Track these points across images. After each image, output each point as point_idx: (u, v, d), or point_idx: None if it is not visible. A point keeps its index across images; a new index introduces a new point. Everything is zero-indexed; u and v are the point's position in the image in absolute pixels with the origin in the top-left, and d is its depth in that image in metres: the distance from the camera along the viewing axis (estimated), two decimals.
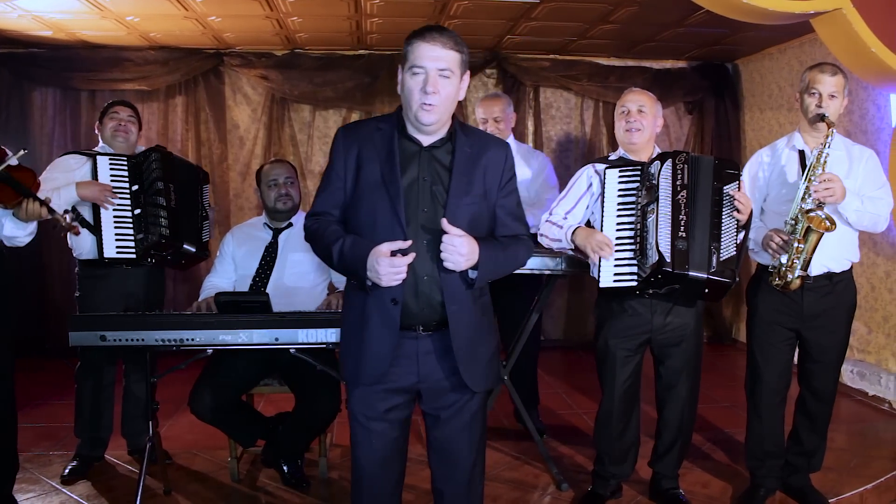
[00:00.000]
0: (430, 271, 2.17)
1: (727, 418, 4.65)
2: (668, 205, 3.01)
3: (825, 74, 3.13)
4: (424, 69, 2.13)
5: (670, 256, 2.95)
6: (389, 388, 2.25)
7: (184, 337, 3.02)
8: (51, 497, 3.52)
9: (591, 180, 3.28)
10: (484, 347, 2.30)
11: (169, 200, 3.66)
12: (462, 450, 2.33)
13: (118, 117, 3.78)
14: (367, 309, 2.21)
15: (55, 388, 5.25)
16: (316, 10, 5.27)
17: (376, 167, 2.20)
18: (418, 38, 2.16)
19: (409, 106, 2.18)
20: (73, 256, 3.82)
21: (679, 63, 6.88)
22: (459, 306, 2.20)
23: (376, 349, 2.21)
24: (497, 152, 2.31)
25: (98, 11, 5.11)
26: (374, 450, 2.29)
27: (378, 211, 2.18)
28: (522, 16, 5.41)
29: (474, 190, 2.23)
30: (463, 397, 2.29)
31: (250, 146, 6.57)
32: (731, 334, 7.02)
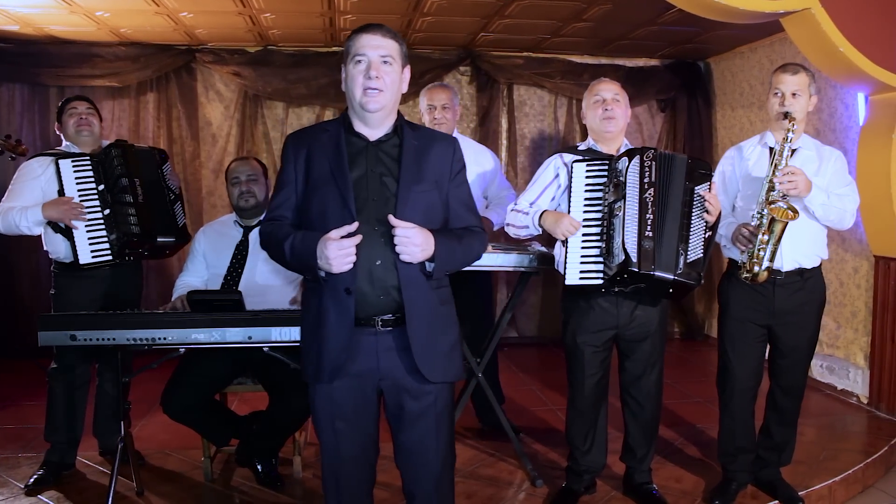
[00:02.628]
0: (384, 257, 2.18)
1: (700, 414, 4.70)
2: (636, 203, 3.01)
3: (787, 74, 3.18)
4: (366, 56, 2.19)
5: (636, 256, 2.96)
6: (352, 386, 2.25)
7: (156, 336, 2.99)
8: (19, 500, 3.47)
9: (558, 171, 3.28)
10: (444, 337, 2.29)
11: (136, 196, 3.62)
12: (429, 451, 2.32)
13: (77, 112, 3.69)
14: (324, 305, 2.22)
15: (23, 390, 5.17)
16: (289, 7, 5.24)
17: (325, 164, 2.24)
18: (359, 31, 2.24)
19: (354, 96, 2.22)
20: (46, 255, 3.75)
21: (652, 61, 6.93)
22: (416, 292, 2.20)
23: (334, 342, 2.21)
24: (444, 144, 2.36)
25: (67, 6, 5.04)
26: (341, 448, 2.29)
27: (328, 204, 2.21)
28: (496, 13, 5.42)
29: (425, 178, 2.26)
30: (427, 397, 2.28)
31: (223, 143, 6.52)
32: (703, 330, 7.09)
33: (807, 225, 3.15)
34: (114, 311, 3.22)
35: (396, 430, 2.35)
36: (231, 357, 3.42)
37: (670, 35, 6.00)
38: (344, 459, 2.30)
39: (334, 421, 2.28)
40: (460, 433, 4.24)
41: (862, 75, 4.00)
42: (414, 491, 2.37)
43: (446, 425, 2.34)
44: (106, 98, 6.19)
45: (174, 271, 3.82)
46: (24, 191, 3.54)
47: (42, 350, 3.24)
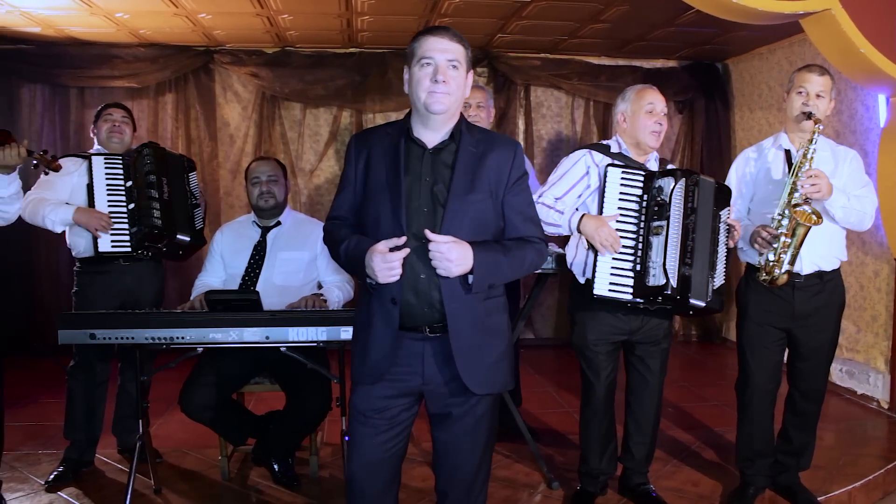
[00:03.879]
0: (427, 270, 2.15)
1: (717, 417, 4.67)
2: (679, 227, 3.00)
3: (813, 74, 3.16)
4: (433, 59, 2.17)
5: (676, 282, 2.96)
6: (393, 389, 2.24)
7: (174, 335, 3.00)
8: (39, 496, 3.50)
9: (589, 169, 3.21)
10: (490, 349, 2.25)
11: (161, 193, 3.69)
12: (465, 453, 2.30)
13: (112, 119, 3.81)
14: (372, 309, 2.23)
15: (43, 387, 5.22)
16: (307, 8, 5.26)
17: (382, 170, 2.23)
18: (426, 33, 2.21)
19: (418, 97, 2.19)
20: (66, 255, 3.80)
21: (669, 62, 6.90)
22: (460, 305, 2.17)
23: (378, 349, 2.21)
24: (505, 150, 2.29)
25: (87, 8, 5.08)
26: (371, 449, 2.28)
27: (381, 212, 2.19)
28: (513, 14, 5.42)
29: (479, 188, 2.21)
30: (468, 401, 2.26)
31: (240, 144, 6.55)
32: (720, 333, 7.05)
33: (826, 227, 3.12)
34: (134, 310, 3.25)
35: (436, 428, 2.34)
36: (248, 357, 3.44)
37: (688, 36, 5.97)
38: (372, 459, 2.28)
39: (364, 420, 2.26)
40: None
41: (883, 77, 3.96)
42: (446, 491, 2.36)
43: (485, 429, 2.32)
44: (125, 99, 6.23)
45: (193, 271, 3.85)
46: (55, 184, 3.62)
47: (61, 348, 3.27)
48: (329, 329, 2.97)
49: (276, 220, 3.70)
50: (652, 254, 3.01)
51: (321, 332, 3.00)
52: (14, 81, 6.26)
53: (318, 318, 3.02)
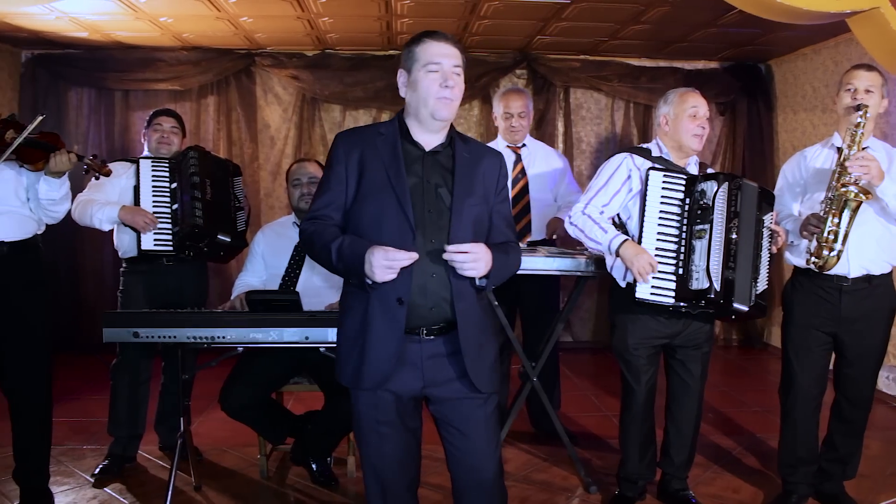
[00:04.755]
0: (438, 270, 2.17)
1: (758, 423, 4.59)
2: (722, 231, 2.98)
3: (860, 70, 3.12)
4: (441, 65, 2.19)
5: (720, 286, 2.94)
6: (397, 393, 2.23)
7: (215, 334, 3.04)
8: (84, 490, 3.57)
9: (630, 173, 3.18)
10: (488, 347, 2.30)
11: (204, 193, 3.75)
12: (479, 454, 2.28)
13: (161, 129, 3.91)
14: (371, 312, 2.18)
15: (88, 384, 5.33)
16: (347, 11, 5.30)
17: (381, 170, 2.20)
18: (428, 38, 2.22)
19: (424, 103, 2.20)
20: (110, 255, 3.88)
21: (711, 64, 6.82)
22: (467, 304, 2.20)
23: (379, 352, 2.18)
24: (492, 160, 2.36)
25: (132, 13, 5.18)
26: (384, 452, 2.28)
27: (385, 213, 2.18)
28: (553, 16, 5.39)
29: (475, 192, 2.26)
30: (474, 401, 2.26)
31: (281, 146, 6.62)
32: (762, 338, 6.94)
33: (875, 229, 3.07)
34: (177, 309, 3.30)
35: (446, 436, 2.31)
36: (288, 357, 3.47)
37: (730, 37, 5.89)
38: (388, 462, 2.29)
39: (378, 425, 2.26)
40: (514, 437, 4.22)
41: None
42: (464, 494, 2.34)
43: (493, 426, 2.32)
44: (168, 101, 6.33)
45: (234, 271, 3.91)
46: (105, 187, 3.71)
47: (106, 346, 3.33)
48: None
49: None
50: (695, 257, 3.00)
51: None
52: (62, 85, 6.41)
53: None
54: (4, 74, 6.18)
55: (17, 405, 3.28)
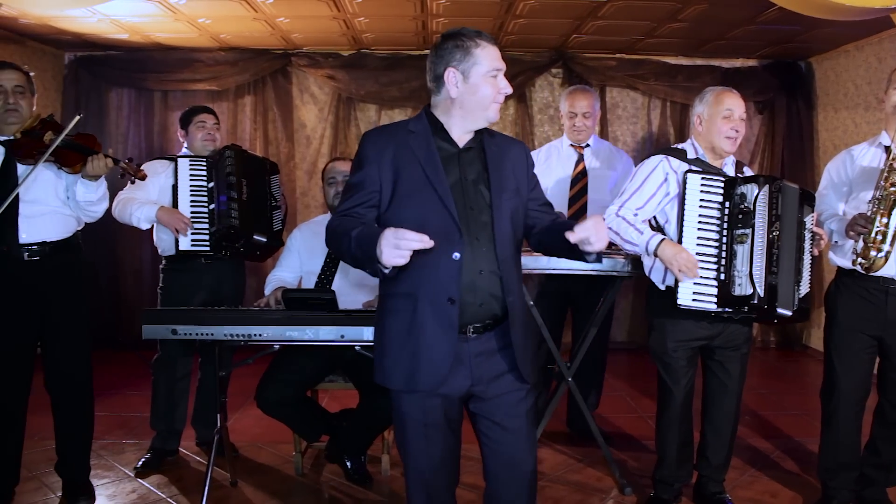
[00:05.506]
0: (486, 265, 2.17)
1: (797, 426, 4.52)
2: (764, 236, 2.94)
3: None
4: (500, 71, 2.21)
5: (763, 291, 2.91)
6: (446, 394, 2.22)
7: (252, 332, 3.06)
8: (124, 484, 3.63)
9: (667, 176, 3.14)
10: (529, 341, 2.34)
11: (241, 193, 3.78)
12: (519, 452, 2.28)
13: (206, 126, 3.94)
14: (421, 313, 2.15)
15: (127, 379, 5.43)
16: (382, 11, 5.32)
17: (418, 169, 2.17)
18: (484, 40, 2.19)
19: (482, 107, 2.19)
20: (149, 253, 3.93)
21: (749, 62, 6.73)
22: (515, 297, 2.22)
23: (435, 354, 2.15)
24: (518, 150, 2.37)
25: (171, 14, 5.25)
26: (431, 454, 2.28)
27: (428, 212, 2.14)
28: (589, 15, 5.36)
29: (508, 186, 2.26)
30: (517, 395, 2.26)
31: (317, 145, 6.67)
32: (801, 340, 6.84)
33: None
34: (215, 306, 3.34)
35: (486, 430, 2.31)
36: (324, 355, 3.49)
37: (769, 34, 5.81)
38: (434, 464, 2.28)
39: (426, 428, 2.25)
40: (549, 438, 4.21)
41: None
42: (501, 491, 2.32)
43: (532, 424, 2.33)
44: (206, 101, 6.41)
45: (269, 268, 3.94)
46: (145, 185, 3.75)
47: (145, 342, 3.38)
48: None
49: None
50: (737, 262, 2.96)
51: None
52: (103, 86, 6.54)
53: None
54: (48, 76, 6.31)
55: (60, 401, 3.35)
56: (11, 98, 3.18)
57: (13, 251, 3.16)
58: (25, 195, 3.17)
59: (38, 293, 3.21)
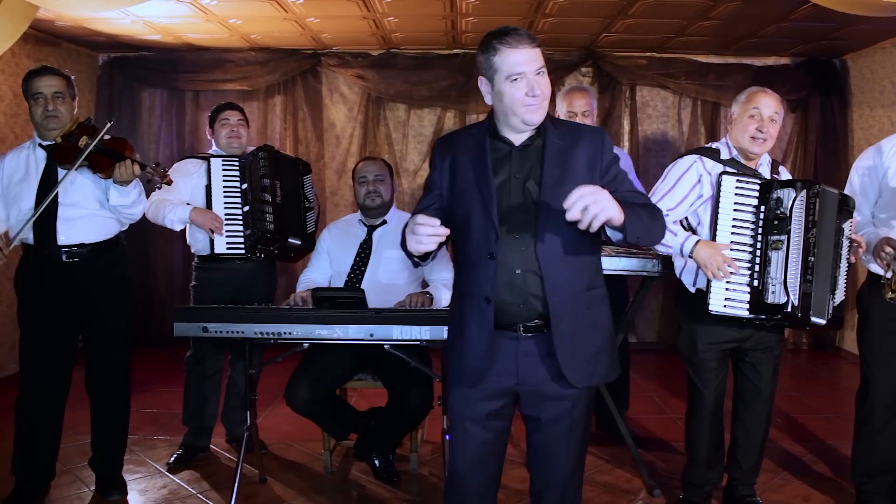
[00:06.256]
0: (524, 265, 2.15)
1: (831, 430, 4.46)
2: (800, 242, 2.88)
3: None
4: (524, 74, 2.12)
5: (798, 300, 2.86)
6: (489, 390, 2.23)
7: (282, 330, 3.08)
8: (155, 479, 3.68)
9: (701, 177, 3.08)
10: (590, 341, 2.21)
11: (274, 196, 3.80)
12: (560, 456, 2.27)
13: (229, 123, 3.94)
14: (465, 312, 2.23)
15: (159, 376, 5.50)
16: (412, 10, 5.33)
17: (469, 170, 2.22)
18: (503, 45, 2.13)
19: (513, 112, 2.16)
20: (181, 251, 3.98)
21: (782, 59, 6.64)
22: (562, 298, 2.15)
23: (474, 351, 2.21)
24: (592, 137, 2.25)
25: (203, 15, 5.30)
26: (469, 451, 2.27)
27: (472, 212, 2.19)
28: (619, 13, 5.33)
29: (570, 179, 2.15)
30: (563, 404, 2.23)
31: (346, 144, 6.70)
32: (834, 342, 6.73)
33: None
34: (249, 304, 3.37)
35: (532, 429, 2.32)
36: (353, 353, 3.50)
37: (803, 31, 5.73)
38: (467, 460, 2.28)
39: (465, 421, 2.26)
40: None
41: None
42: (542, 493, 2.34)
43: (580, 431, 2.29)
44: (236, 101, 6.38)
45: (300, 268, 3.97)
46: (177, 186, 3.77)
47: (176, 339, 3.41)
48: (432, 328, 2.99)
49: (382, 219, 3.76)
50: (771, 269, 2.90)
51: (424, 330, 3.02)
52: (136, 86, 6.62)
53: (422, 317, 3.04)
54: (83, 77, 6.40)
55: (98, 399, 3.43)
56: (51, 105, 3.25)
57: (52, 254, 3.23)
58: (64, 199, 3.25)
59: (79, 294, 3.29)
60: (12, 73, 5.49)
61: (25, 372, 3.30)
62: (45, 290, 3.26)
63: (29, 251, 3.30)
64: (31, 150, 3.34)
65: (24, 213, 3.22)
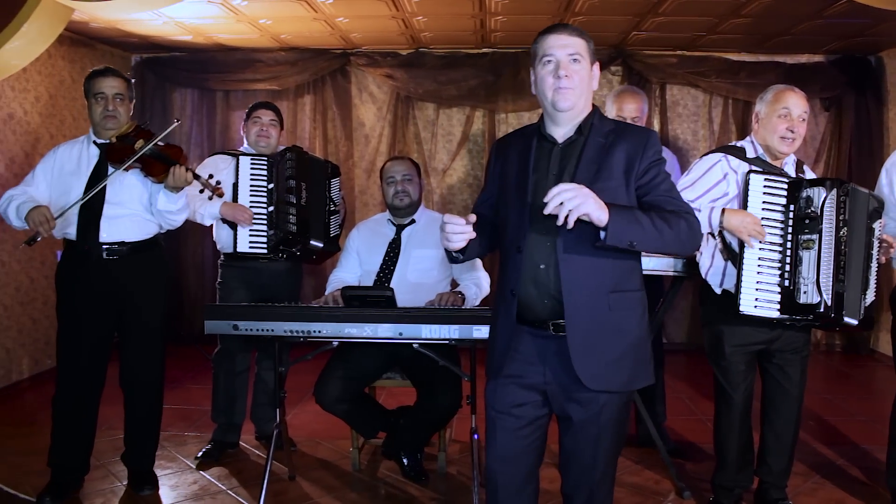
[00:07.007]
0: (548, 260, 2.15)
1: (865, 433, 4.38)
2: (831, 242, 2.83)
3: None
4: (554, 56, 2.17)
5: (831, 300, 2.81)
6: (519, 384, 2.24)
7: (311, 329, 3.09)
8: (186, 475, 3.72)
9: (727, 175, 3.06)
10: (608, 345, 2.17)
11: (299, 198, 3.82)
12: (587, 459, 2.25)
13: (260, 122, 3.98)
14: (497, 303, 2.31)
15: (189, 373, 5.56)
16: (441, 10, 5.33)
17: (514, 168, 2.28)
18: (545, 32, 2.22)
19: (545, 95, 2.20)
20: (210, 250, 4.01)
21: (815, 57, 6.54)
22: (580, 297, 2.13)
23: (499, 342, 2.28)
24: (637, 137, 2.22)
25: (234, 15, 5.35)
26: (504, 443, 2.27)
27: (510, 207, 2.25)
28: (649, 11, 5.29)
29: (604, 177, 2.15)
30: (591, 406, 2.20)
31: (375, 144, 6.72)
32: (868, 344, 6.63)
33: None
34: (273, 303, 3.39)
35: (561, 431, 2.31)
36: (381, 352, 3.52)
37: (837, 28, 5.64)
38: (498, 453, 2.27)
39: (493, 412, 2.28)
40: None
41: None
42: (571, 495, 2.33)
43: (610, 437, 2.24)
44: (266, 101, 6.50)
45: (328, 268, 3.99)
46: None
47: (205, 337, 3.46)
48: (461, 327, 2.99)
49: (411, 218, 3.77)
50: (803, 269, 2.86)
51: (453, 329, 3.01)
52: (167, 87, 6.71)
53: (451, 316, 3.03)
54: None
55: (132, 396, 3.49)
56: (111, 105, 3.33)
57: (93, 250, 3.29)
58: (112, 197, 3.32)
59: (116, 291, 3.35)
60: (48, 73, 5.58)
61: (62, 367, 3.37)
62: (84, 285, 3.32)
63: (70, 247, 3.36)
64: (85, 145, 3.41)
65: (68, 205, 3.27)
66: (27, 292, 5.42)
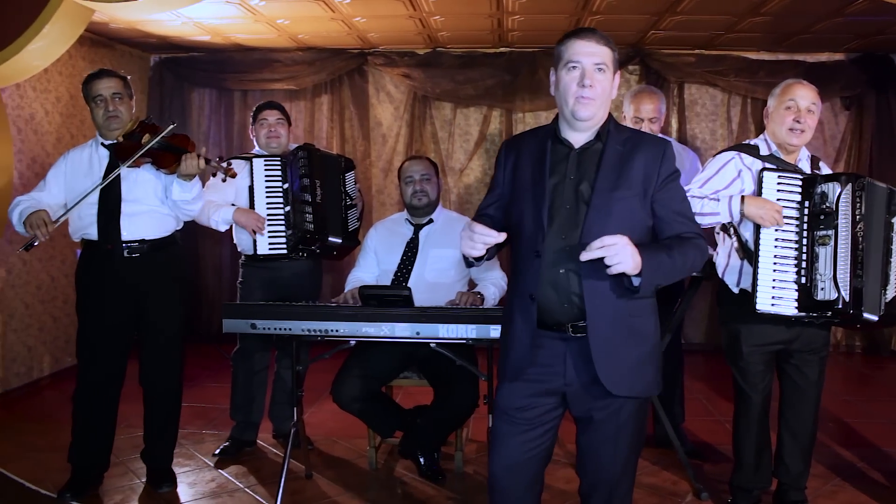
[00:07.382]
0: (568, 265, 2.14)
1: (886, 436, 4.34)
2: (848, 237, 2.81)
3: None
4: (580, 63, 2.15)
5: (849, 296, 2.79)
6: (535, 388, 2.22)
7: (329, 328, 3.11)
8: (203, 473, 3.75)
9: (741, 172, 3.05)
10: (631, 350, 2.18)
11: (314, 196, 3.83)
12: (606, 458, 2.25)
13: (267, 123, 4.00)
14: (512, 306, 2.27)
15: (207, 371, 5.59)
16: (458, 9, 5.33)
17: (528, 170, 2.26)
18: (572, 36, 2.19)
19: (565, 101, 2.18)
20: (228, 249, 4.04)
21: (836, 56, 6.48)
22: (601, 301, 2.13)
23: (517, 346, 2.23)
24: (653, 148, 2.22)
25: (251, 16, 5.37)
26: (512, 448, 2.26)
27: (524, 212, 2.22)
28: (667, 10, 5.26)
29: (624, 186, 2.16)
30: (610, 406, 2.20)
31: (392, 143, 6.73)
32: (889, 345, 6.55)
33: None
34: (292, 302, 3.40)
35: (579, 431, 2.30)
36: (399, 351, 3.52)
37: (858, 27, 5.59)
38: (512, 460, 2.26)
39: (504, 415, 2.27)
40: None
41: None
42: (589, 495, 2.33)
43: (628, 437, 2.24)
44: (283, 100, 6.51)
45: (347, 266, 4.00)
46: (223, 187, 3.83)
47: (223, 335, 3.49)
48: (479, 327, 2.99)
49: (429, 217, 3.77)
50: (819, 265, 2.84)
51: (471, 329, 3.02)
52: (186, 87, 6.75)
53: (468, 316, 3.04)
54: (135, 77, 6.43)
55: (151, 394, 3.51)
56: (111, 105, 3.35)
57: (115, 249, 3.32)
58: (127, 195, 3.34)
59: (137, 289, 3.38)
60: (69, 74, 5.63)
61: (82, 364, 3.41)
62: (104, 284, 3.35)
63: (90, 247, 3.39)
64: (94, 148, 3.44)
65: (85, 206, 3.30)
66: (48, 290, 5.47)
